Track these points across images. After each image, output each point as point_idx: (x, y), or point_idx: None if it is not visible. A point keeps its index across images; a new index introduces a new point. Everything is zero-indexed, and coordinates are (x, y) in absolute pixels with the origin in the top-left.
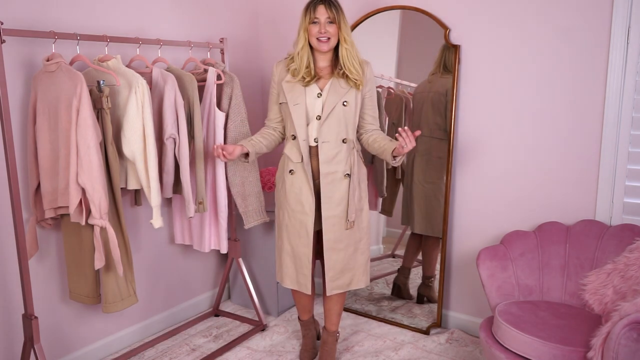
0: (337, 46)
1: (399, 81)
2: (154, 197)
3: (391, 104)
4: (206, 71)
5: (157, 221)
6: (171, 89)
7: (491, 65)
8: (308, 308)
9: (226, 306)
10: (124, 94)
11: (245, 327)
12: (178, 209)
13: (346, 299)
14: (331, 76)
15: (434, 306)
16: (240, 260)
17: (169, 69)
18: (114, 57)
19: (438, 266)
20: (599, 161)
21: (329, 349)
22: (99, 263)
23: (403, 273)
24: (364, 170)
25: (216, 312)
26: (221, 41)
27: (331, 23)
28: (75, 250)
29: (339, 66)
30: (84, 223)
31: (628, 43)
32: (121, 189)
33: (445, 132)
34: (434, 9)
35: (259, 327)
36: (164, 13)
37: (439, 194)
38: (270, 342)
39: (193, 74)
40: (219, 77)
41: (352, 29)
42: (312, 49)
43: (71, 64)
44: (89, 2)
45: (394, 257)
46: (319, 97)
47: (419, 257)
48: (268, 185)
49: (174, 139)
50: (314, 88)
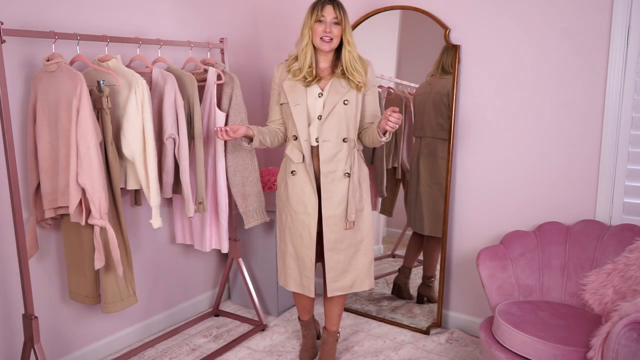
0: (339, 47)
1: (399, 81)
2: (153, 197)
3: (391, 104)
4: (206, 71)
5: (156, 221)
6: (171, 89)
7: (491, 66)
8: (308, 309)
9: (226, 306)
10: (123, 94)
11: (245, 327)
12: (179, 208)
13: (346, 299)
14: (331, 76)
15: (434, 306)
16: (240, 260)
17: (169, 69)
18: (114, 57)
19: (438, 266)
20: (599, 161)
21: (329, 349)
22: (98, 263)
23: (404, 273)
24: (366, 170)
25: (216, 312)
26: (221, 41)
27: (336, 24)
28: (75, 250)
29: (339, 66)
30: (83, 223)
31: (628, 43)
32: (121, 189)
33: (448, 132)
34: (434, 9)
35: (259, 327)
36: (164, 13)
37: None
38: (270, 342)
39: (193, 74)
40: (219, 77)
41: (352, 29)
42: (314, 49)
43: (71, 64)
44: (89, 2)
45: (394, 257)
46: (319, 97)
47: (420, 257)
48: (268, 185)
49: (174, 139)
50: (314, 88)
